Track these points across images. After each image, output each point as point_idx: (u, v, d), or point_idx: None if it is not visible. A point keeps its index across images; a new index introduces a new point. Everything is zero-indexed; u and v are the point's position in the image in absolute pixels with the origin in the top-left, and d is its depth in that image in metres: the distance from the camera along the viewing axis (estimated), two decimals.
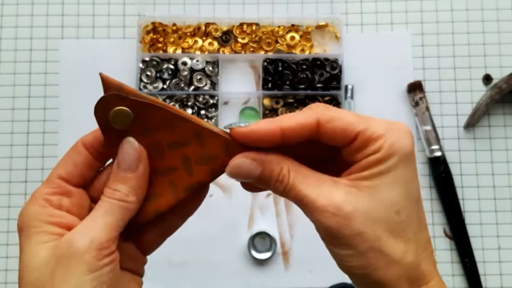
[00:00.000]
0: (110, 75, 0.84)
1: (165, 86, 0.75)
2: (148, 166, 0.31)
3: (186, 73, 0.74)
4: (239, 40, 0.76)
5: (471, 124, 0.73)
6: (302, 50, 0.76)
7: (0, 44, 0.76)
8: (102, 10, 0.77)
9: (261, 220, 0.73)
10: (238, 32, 0.77)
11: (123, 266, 0.31)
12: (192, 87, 0.75)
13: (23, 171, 0.73)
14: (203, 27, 0.76)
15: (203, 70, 0.75)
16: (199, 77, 0.75)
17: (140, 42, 0.76)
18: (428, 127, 0.72)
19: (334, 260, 0.31)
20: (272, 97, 0.75)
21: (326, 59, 0.75)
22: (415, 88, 0.73)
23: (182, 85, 0.75)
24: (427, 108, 0.73)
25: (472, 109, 0.74)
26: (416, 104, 0.73)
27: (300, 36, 0.77)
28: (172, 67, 0.75)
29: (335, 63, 0.75)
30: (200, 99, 0.74)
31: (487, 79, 0.75)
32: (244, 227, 0.72)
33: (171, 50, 0.76)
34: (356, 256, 0.28)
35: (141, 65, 0.75)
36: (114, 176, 0.30)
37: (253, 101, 0.76)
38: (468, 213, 0.72)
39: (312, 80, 0.74)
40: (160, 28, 0.77)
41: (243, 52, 0.76)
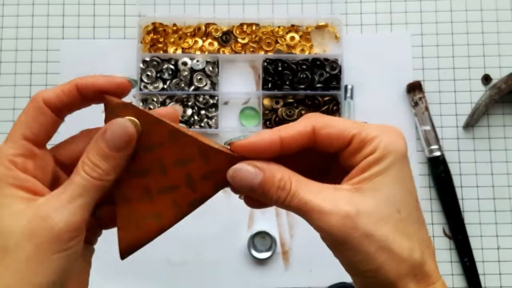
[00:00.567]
0: (111, 75, 0.83)
1: (165, 86, 0.75)
2: (141, 161, 0.31)
3: (186, 73, 0.75)
4: (239, 40, 0.77)
5: (471, 124, 0.74)
6: (302, 50, 0.76)
7: (1, 45, 0.76)
8: (103, 10, 0.77)
9: (261, 219, 0.73)
10: (238, 32, 0.77)
11: None
12: (192, 87, 0.75)
13: None
14: (203, 28, 0.77)
15: (203, 70, 0.75)
16: (199, 77, 0.75)
17: (141, 43, 0.76)
18: (428, 127, 0.72)
19: (341, 264, 0.31)
20: (272, 97, 0.75)
21: (326, 59, 0.75)
22: (415, 88, 0.73)
23: (182, 85, 0.75)
24: (427, 108, 0.73)
25: (471, 109, 0.74)
26: (416, 104, 0.73)
27: (300, 36, 0.77)
28: (172, 67, 0.75)
29: (335, 63, 0.75)
30: (200, 99, 0.74)
31: (486, 79, 0.75)
32: (244, 226, 0.73)
33: (171, 50, 0.76)
34: (367, 260, 0.28)
35: (141, 65, 0.75)
36: (96, 151, 0.29)
37: (253, 101, 0.76)
38: (468, 212, 0.73)
39: (312, 80, 0.75)
40: (160, 29, 0.77)
41: (243, 52, 0.76)
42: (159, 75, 0.75)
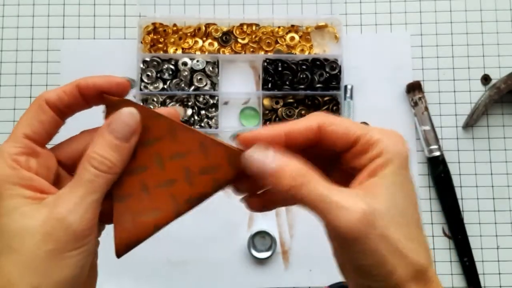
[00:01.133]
0: (110, 75, 0.83)
1: (165, 86, 0.75)
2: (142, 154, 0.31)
3: (186, 73, 0.75)
4: (239, 40, 0.77)
5: (470, 124, 0.74)
6: (302, 51, 0.76)
7: (1, 45, 0.77)
8: (103, 11, 0.77)
9: (261, 219, 0.73)
10: (238, 32, 0.77)
11: None
12: (193, 87, 0.75)
13: None
14: (203, 28, 0.77)
15: (203, 70, 0.75)
16: (199, 77, 0.75)
17: (141, 43, 0.76)
18: (427, 127, 0.72)
19: (344, 267, 0.31)
20: (272, 97, 0.75)
21: (326, 60, 0.75)
22: (414, 88, 0.73)
23: (183, 85, 0.75)
24: (426, 108, 0.73)
25: (470, 109, 0.74)
26: (415, 104, 0.73)
27: (300, 37, 0.77)
28: (172, 67, 0.75)
29: (335, 64, 0.75)
30: (200, 99, 0.74)
31: (486, 79, 0.75)
32: (244, 226, 0.73)
33: (171, 50, 0.76)
34: (380, 263, 0.28)
35: (141, 65, 0.75)
36: (103, 143, 0.29)
37: (253, 101, 0.76)
38: (467, 212, 0.73)
39: (312, 80, 0.75)
40: (160, 29, 0.77)
41: (243, 52, 0.77)
42: (159, 75, 0.75)
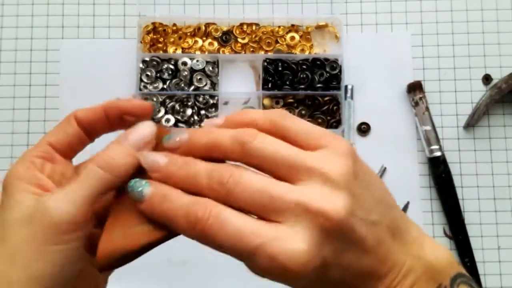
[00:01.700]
0: (110, 75, 0.84)
1: (165, 86, 0.75)
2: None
3: (186, 73, 0.75)
4: (239, 40, 0.76)
5: (471, 124, 0.73)
6: (302, 50, 0.76)
7: (0, 44, 0.76)
8: (103, 10, 0.77)
9: None
10: (238, 32, 0.77)
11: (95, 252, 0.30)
12: (192, 87, 0.75)
13: None
14: (203, 27, 0.77)
15: (203, 70, 0.75)
16: (199, 77, 0.75)
17: (140, 42, 0.76)
18: (428, 127, 0.72)
19: None
20: (272, 97, 0.75)
21: (326, 59, 0.75)
22: (415, 88, 0.73)
23: (182, 85, 0.75)
24: (427, 108, 0.73)
25: (472, 109, 0.74)
26: (416, 104, 0.73)
27: (300, 36, 0.77)
28: (172, 67, 0.75)
29: (335, 63, 0.75)
30: (200, 99, 0.74)
31: (487, 79, 0.75)
32: None
33: (171, 50, 0.76)
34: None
35: (141, 65, 0.75)
36: (114, 145, 0.30)
37: (253, 101, 0.76)
38: (468, 213, 0.72)
39: (312, 80, 0.75)
40: (160, 28, 0.77)
41: (243, 52, 0.76)
42: (159, 75, 0.75)
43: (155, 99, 0.74)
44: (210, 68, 0.75)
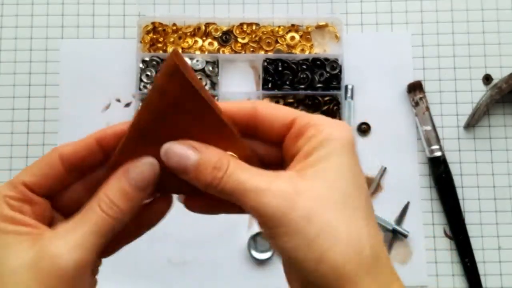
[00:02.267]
0: (110, 75, 0.84)
1: None
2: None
3: None
4: (239, 40, 0.76)
5: (471, 124, 0.73)
6: (302, 50, 0.76)
7: (0, 44, 0.76)
8: (102, 10, 0.77)
9: None
10: (238, 32, 0.77)
11: None
12: None
13: None
14: (203, 27, 0.76)
15: (203, 70, 0.75)
16: (199, 77, 0.75)
17: (140, 42, 0.76)
18: (428, 127, 0.72)
19: (281, 260, 0.29)
20: (272, 97, 0.75)
21: (326, 59, 0.75)
22: (415, 88, 0.73)
23: None
24: (427, 108, 0.73)
25: (472, 109, 0.74)
26: (416, 104, 0.73)
27: (300, 36, 0.77)
28: None
29: (335, 63, 0.75)
30: None
31: (487, 79, 0.75)
32: (244, 227, 0.72)
33: (171, 50, 0.76)
34: (307, 246, 0.25)
35: (141, 65, 0.74)
36: (117, 189, 0.28)
37: None
38: (468, 213, 0.72)
39: (312, 80, 0.74)
40: (160, 28, 0.77)
41: (243, 52, 0.76)
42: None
43: None
44: (210, 68, 0.75)
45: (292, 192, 0.26)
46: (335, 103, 0.74)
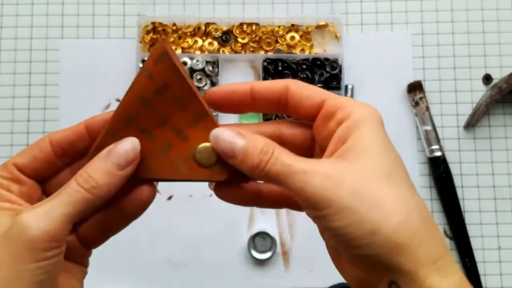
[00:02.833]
0: (110, 75, 0.83)
1: None
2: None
3: None
4: (239, 40, 0.76)
5: (471, 124, 0.73)
6: (302, 50, 0.76)
7: (0, 44, 0.76)
8: (102, 10, 0.77)
9: (261, 220, 0.73)
10: (238, 32, 0.77)
11: (66, 256, 0.29)
12: None
13: None
14: (203, 27, 0.76)
15: (203, 70, 0.75)
16: (199, 77, 0.75)
17: (140, 42, 0.76)
18: (428, 127, 0.72)
19: (331, 242, 0.29)
20: None
21: (326, 59, 0.75)
22: (415, 88, 0.73)
23: None
24: (427, 108, 0.73)
25: (472, 109, 0.74)
26: (416, 104, 0.73)
27: (300, 36, 0.77)
28: None
29: (335, 63, 0.75)
30: None
31: (487, 79, 0.75)
32: (244, 227, 0.72)
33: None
34: (359, 221, 0.26)
35: (141, 65, 0.75)
36: (97, 164, 0.28)
37: None
38: (468, 213, 0.72)
39: (312, 80, 0.74)
40: (160, 28, 0.77)
41: (243, 52, 0.76)
42: None
43: None
44: (210, 68, 0.75)
45: (337, 173, 0.27)
46: None
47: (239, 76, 0.76)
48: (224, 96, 0.31)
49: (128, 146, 0.29)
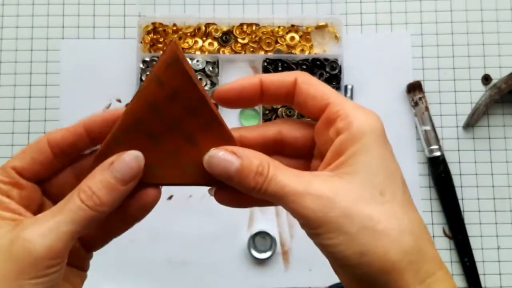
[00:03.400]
0: (111, 75, 0.84)
1: None
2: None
3: None
4: (239, 40, 0.77)
5: (471, 124, 0.74)
6: (302, 50, 0.76)
7: (1, 45, 0.76)
8: (103, 10, 0.77)
9: (261, 219, 0.73)
10: (238, 32, 0.77)
11: (67, 261, 0.29)
12: None
13: None
14: (203, 28, 0.77)
15: (203, 70, 0.75)
16: (199, 77, 0.75)
17: (141, 43, 0.76)
18: (428, 127, 0.72)
19: (326, 257, 0.29)
20: None
21: (326, 59, 0.75)
22: (415, 88, 0.73)
23: None
24: (427, 108, 0.73)
25: (471, 109, 0.74)
26: (416, 104, 0.73)
27: (300, 37, 0.77)
28: None
29: (335, 63, 0.75)
30: None
31: (486, 79, 0.75)
32: (244, 226, 0.73)
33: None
34: (349, 241, 0.26)
35: (141, 65, 0.75)
36: (99, 180, 0.28)
37: None
38: (468, 212, 0.73)
39: None
40: (160, 29, 0.77)
41: (243, 52, 0.76)
42: None
43: None
44: (210, 68, 0.75)
45: (330, 192, 0.27)
46: None
47: (239, 76, 0.76)
48: (235, 93, 0.30)
49: (132, 160, 0.28)
